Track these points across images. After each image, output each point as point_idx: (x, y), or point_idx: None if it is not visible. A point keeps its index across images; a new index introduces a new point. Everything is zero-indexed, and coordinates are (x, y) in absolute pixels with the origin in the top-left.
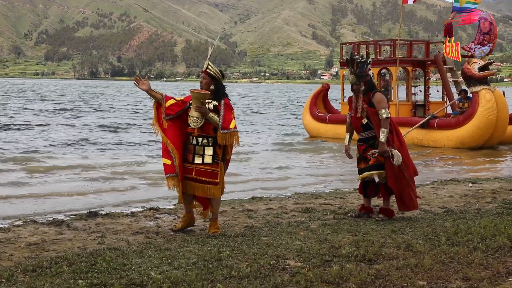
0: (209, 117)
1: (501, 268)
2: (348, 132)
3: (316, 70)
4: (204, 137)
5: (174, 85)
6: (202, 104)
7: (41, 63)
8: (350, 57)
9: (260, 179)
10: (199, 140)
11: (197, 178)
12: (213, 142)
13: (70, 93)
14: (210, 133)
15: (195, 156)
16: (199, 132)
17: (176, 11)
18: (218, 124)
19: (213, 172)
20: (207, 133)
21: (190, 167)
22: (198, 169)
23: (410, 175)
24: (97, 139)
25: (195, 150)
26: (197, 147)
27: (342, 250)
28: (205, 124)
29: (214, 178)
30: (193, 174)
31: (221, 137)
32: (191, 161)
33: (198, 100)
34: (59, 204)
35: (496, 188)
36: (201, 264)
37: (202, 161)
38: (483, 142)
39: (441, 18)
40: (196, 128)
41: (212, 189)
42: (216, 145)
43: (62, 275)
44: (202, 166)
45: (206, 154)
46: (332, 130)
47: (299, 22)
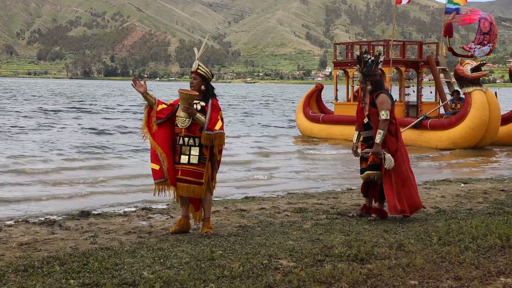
0: (196, 118)
1: (492, 267)
2: (357, 131)
3: (309, 71)
4: (191, 137)
5: (167, 85)
6: (190, 104)
7: (34, 62)
8: (358, 55)
9: (250, 178)
10: (186, 140)
11: (182, 178)
12: (199, 143)
13: (64, 93)
14: (196, 134)
15: (181, 155)
16: (186, 132)
17: (170, 11)
18: (204, 124)
19: (198, 172)
20: (194, 133)
21: (177, 167)
22: (183, 169)
23: (398, 180)
24: (90, 141)
25: (181, 150)
26: (184, 147)
27: (335, 249)
28: (192, 125)
29: (199, 178)
30: (178, 174)
31: (206, 137)
32: (177, 161)
33: (186, 101)
34: (51, 205)
35: (488, 189)
36: (194, 264)
37: (188, 161)
38: (475, 143)
39: (434, 19)
40: (183, 128)
41: (197, 189)
42: (203, 146)
43: (53, 275)
44: (188, 166)
45: (192, 154)
46: (325, 130)
47: (293, 22)
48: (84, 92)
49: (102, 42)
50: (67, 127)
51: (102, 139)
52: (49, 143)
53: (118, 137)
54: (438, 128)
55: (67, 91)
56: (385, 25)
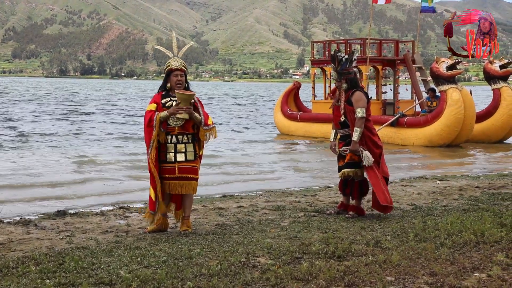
0: (194, 117)
1: (467, 263)
2: (334, 129)
3: (287, 69)
4: (185, 134)
5: (145, 83)
6: (190, 104)
7: (9, 60)
8: (332, 54)
9: (229, 175)
10: (180, 138)
11: (182, 176)
12: (192, 139)
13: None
14: (190, 131)
15: (177, 154)
16: (179, 130)
17: (147, 9)
18: (201, 121)
19: (195, 168)
20: (187, 131)
21: (172, 166)
22: (181, 167)
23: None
24: (71, 136)
25: (176, 148)
26: (179, 145)
27: (312, 247)
28: (185, 122)
29: (196, 174)
30: (176, 173)
31: (203, 133)
32: (172, 160)
33: (188, 102)
34: (26, 204)
35: (463, 185)
36: (171, 263)
37: (185, 158)
38: (451, 140)
39: (410, 17)
40: (176, 126)
41: (193, 185)
42: (195, 141)
43: (29, 275)
44: (186, 163)
45: (188, 151)
46: (303, 128)
47: (270, 21)
48: (83, 92)
49: (78, 40)
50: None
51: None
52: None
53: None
54: (415, 126)
55: (61, 91)
56: (362, 23)
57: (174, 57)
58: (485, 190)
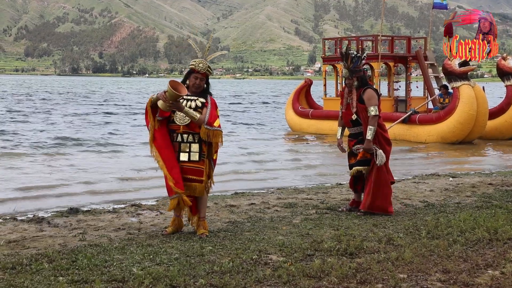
0: (185, 111)
1: (480, 260)
2: (340, 126)
3: (299, 66)
4: (190, 133)
5: (156, 81)
6: (175, 101)
7: (21, 59)
8: (344, 51)
9: (240, 173)
10: (185, 137)
11: (185, 177)
12: (199, 139)
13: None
14: (196, 130)
15: (181, 153)
16: (184, 128)
17: (158, 7)
18: (195, 118)
19: (199, 169)
20: (193, 130)
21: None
22: (184, 167)
23: (382, 178)
24: (81, 137)
25: (180, 148)
26: (183, 144)
27: (324, 244)
28: (191, 121)
29: (200, 176)
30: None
31: (204, 132)
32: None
33: (173, 98)
34: (39, 202)
35: (476, 182)
36: (183, 260)
37: (188, 158)
38: (463, 137)
39: (422, 14)
40: (182, 125)
41: (198, 188)
42: (202, 142)
43: (42, 272)
44: (188, 164)
45: (192, 151)
46: (314, 126)
47: (282, 18)
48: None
49: (90, 38)
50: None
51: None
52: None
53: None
54: (427, 122)
55: (82, 89)
56: (373, 20)
57: (200, 59)
58: (498, 187)
